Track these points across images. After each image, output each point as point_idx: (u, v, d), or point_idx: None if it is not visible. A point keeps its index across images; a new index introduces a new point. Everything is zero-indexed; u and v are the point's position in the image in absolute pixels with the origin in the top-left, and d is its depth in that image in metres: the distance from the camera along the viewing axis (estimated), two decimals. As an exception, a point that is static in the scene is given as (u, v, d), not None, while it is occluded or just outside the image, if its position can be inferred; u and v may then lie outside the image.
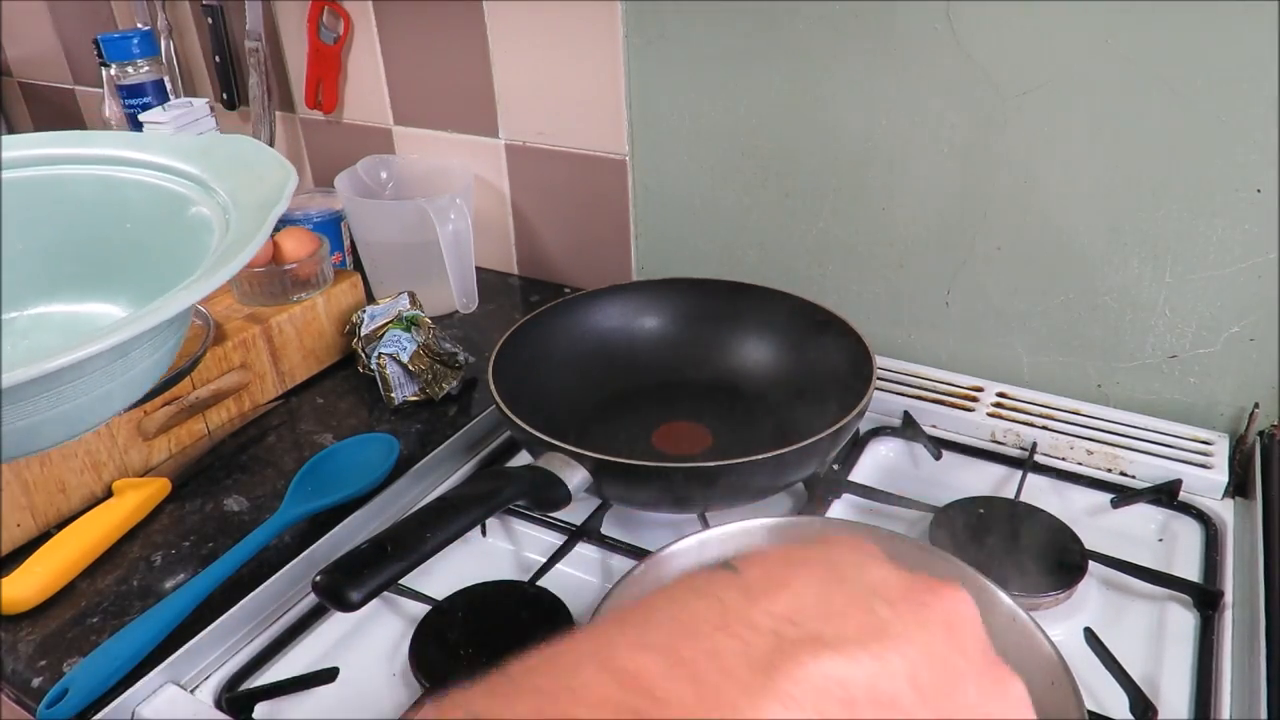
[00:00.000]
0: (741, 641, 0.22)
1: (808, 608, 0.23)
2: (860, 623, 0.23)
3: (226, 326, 0.75)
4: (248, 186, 0.55)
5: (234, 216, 0.53)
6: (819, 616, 0.23)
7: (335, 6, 0.97)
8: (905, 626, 0.24)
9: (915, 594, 0.25)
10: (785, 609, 0.23)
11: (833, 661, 0.21)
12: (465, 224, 0.86)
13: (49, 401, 0.46)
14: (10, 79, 1.38)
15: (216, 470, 0.70)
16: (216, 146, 0.60)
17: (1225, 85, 0.60)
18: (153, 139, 0.62)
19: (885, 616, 0.24)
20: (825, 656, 0.21)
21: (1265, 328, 0.66)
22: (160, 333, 0.51)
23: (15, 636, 0.55)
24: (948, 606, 0.25)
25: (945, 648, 0.24)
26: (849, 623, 0.23)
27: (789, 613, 0.23)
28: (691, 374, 0.77)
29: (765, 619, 0.23)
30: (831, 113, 0.75)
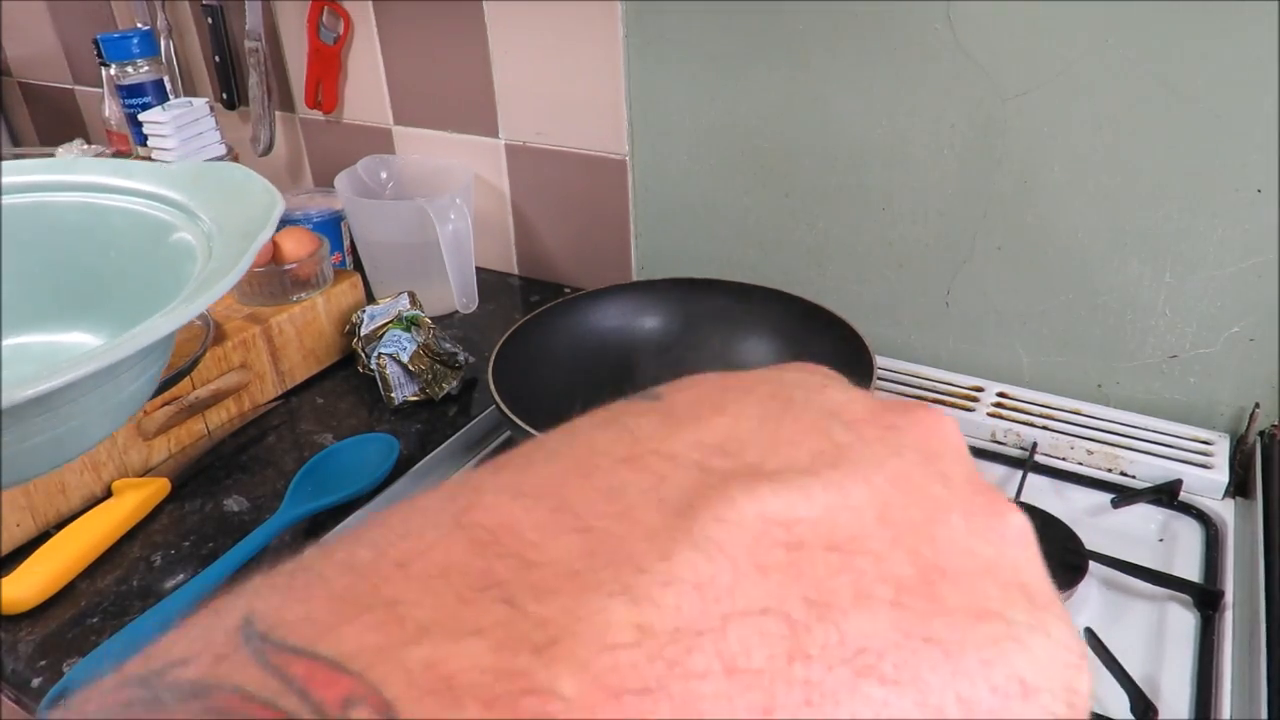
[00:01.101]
0: (653, 476, 0.16)
1: (746, 434, 0.18)
2: (813, 449, 0.18)
3: (226, 326, 0.75)
4: (234, 213, 0.54)
5: (218, 243, 0.52)
6: (760, 444, 0.18)
7: (335, 6, 0.97)
8: (871, 452, 0.18)
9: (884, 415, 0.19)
10: (717, 437, 0.18)
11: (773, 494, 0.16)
12: (465, 224, 0.86)
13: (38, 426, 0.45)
14: (10, 79, 1.38)
15: (216, 470, 0.70)
16: (205, 174, 0.59)
17: (1225, 85, 0.60)
18: (140, 166, 0.61)
19: (846, 442, 0.18)
20: (763, 490, 0.16)
21: (1265, 328, 0.66)
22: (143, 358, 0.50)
23: (15, 636, 0.55)
24: (925, 429, 0.19)
25: (922, 475, 0.18)
26: (799, 450, 0.18)
27: (721, 440, 0.18)
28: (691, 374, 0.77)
29: (688, 450, 0.17)
30: (831, 113, 0.75)
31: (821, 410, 0.19)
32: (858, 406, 0.20)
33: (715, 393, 0.20)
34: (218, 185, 0.58)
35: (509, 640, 0.13)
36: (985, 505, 0.18)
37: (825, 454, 0.17)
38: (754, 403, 0.19)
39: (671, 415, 0.19)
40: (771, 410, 0.19)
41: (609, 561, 0.14)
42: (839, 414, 0.19)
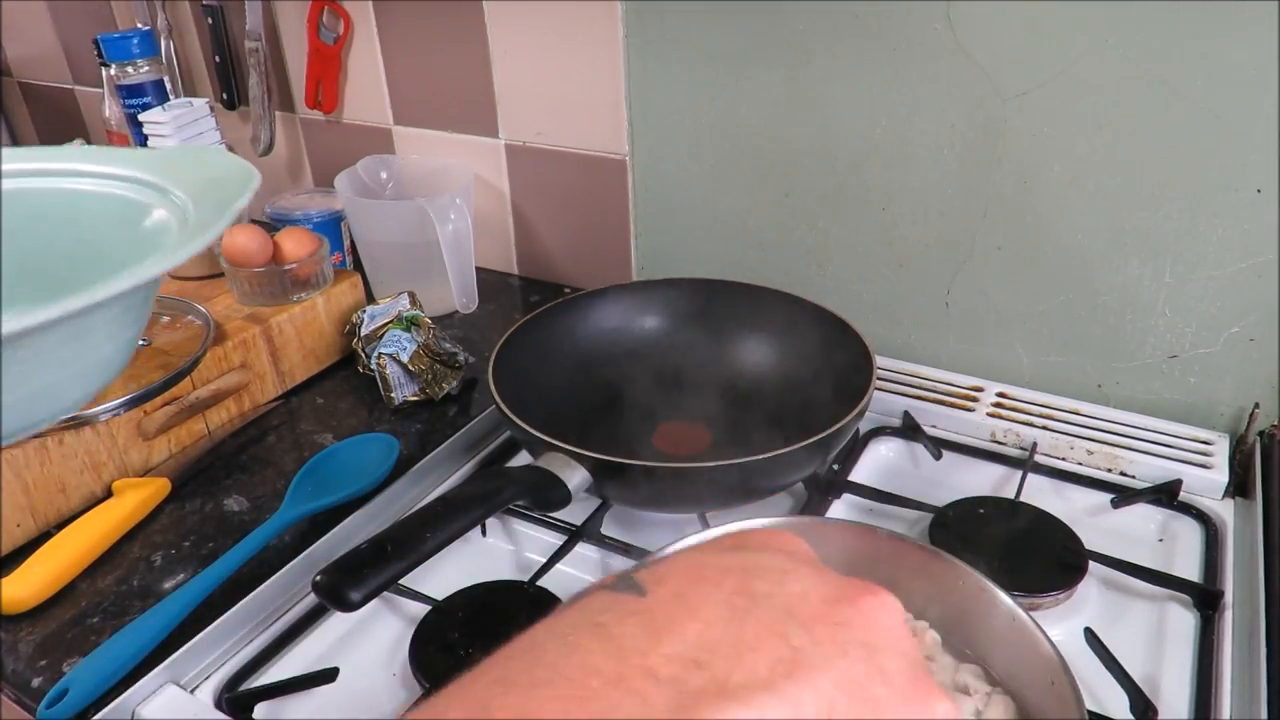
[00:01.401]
0: (638, 699, 0.20)
1: (715, 642, 0.22)
2: (772, 657, 0.21)
3: (226, 326, 0.75)
4: (209, 190, 0.55)
5: (193, 215, 0.53)
6: (728, 653, 0.21)
7: (335, 6, 0.97)
8: (822, 654, 0.22)
9: (835, 611, 0.23)
10: (690, 646, 0.21)
11: (740, 711, 0.20)
12: (465, 224, 0.86)
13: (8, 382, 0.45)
14: (10, 79, 1.38)
15: (216, 470, 0.70)
16: (179, 156, 0.60)
17: (1225, 85, 0.60)
18: (114, 151, 0.62)
19: (800, 645, 0.22)
20: (729, 708, 0.20)
21: (1265, 328, 0.66)
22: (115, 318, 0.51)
23: (15, 636, 0.55)
24: (869, 622, 0.23)
25: (865, 674, 0.22)
26: (761, 658, 0.21)
27: (694, 651, 0.21)
28: (691, 374, 0.77)
29: (666, 665, 0.21)
30: (831, 113, 0.75)
31: (781, 609, 0.23)
32: (814, 599, 0.24)
33: (690, 586, 0.23)
34: (191, 164, 0.59)
35: None
36: (918, 699, 0.23)
37: (782, 662, 0.21)
38: (723, 600, 0.23)
39: (651, 621, 0.22)
40: (737, 609, 0.23)
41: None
42: (796, 612, 0.23)
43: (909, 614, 0.47)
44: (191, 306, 0.76)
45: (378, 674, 0.54)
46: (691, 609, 0.22)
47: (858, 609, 0.24)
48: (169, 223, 0.55)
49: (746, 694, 0.20)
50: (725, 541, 0.27)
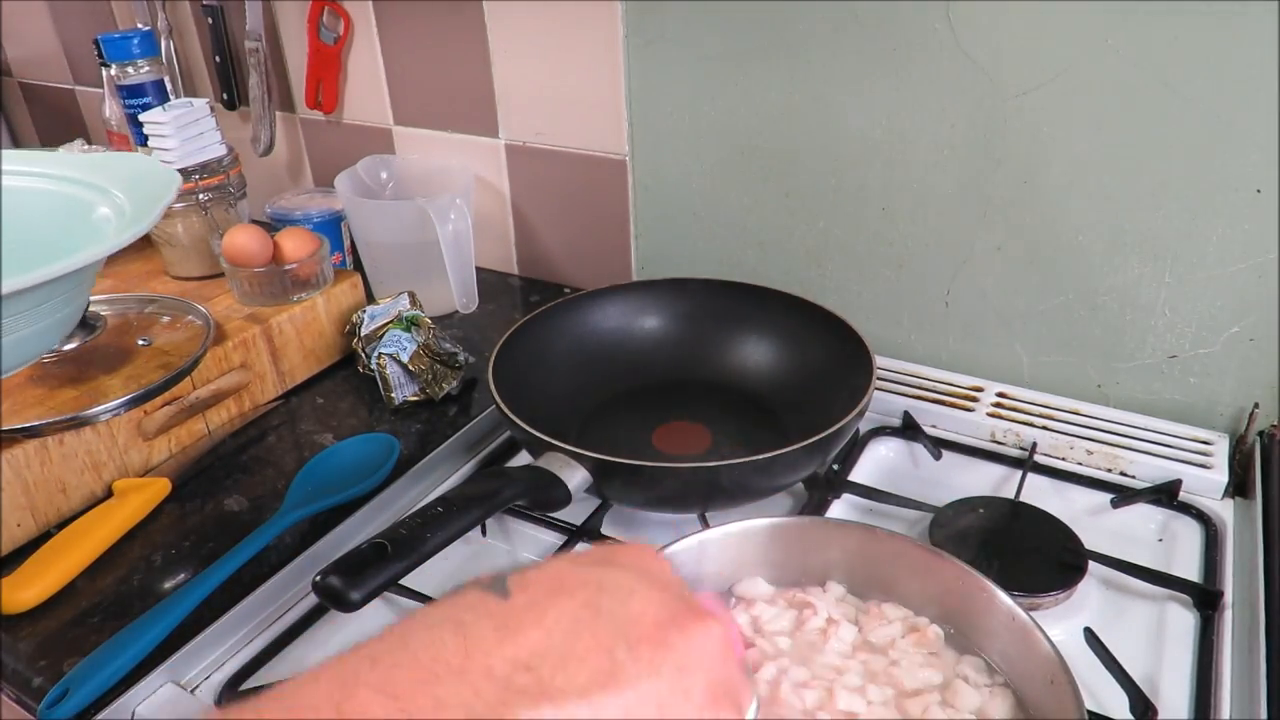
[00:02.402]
0: (471, 690, 0.24)
1: (552, 649, 0.25)
2: (594, 668, 0.25)
3: (226, 326, 0.75)
4: (140, 189, 0.63)
5: (129, 211, 0.61)
6: (558, 661, 0.25)
7: (335, 6, 0.97)
8: (637, 671, 0.25)
9: (660, 633, 0.27)
10: (529, 651, 0.25)
11: (547, 712, 0.23)
12: (465, 224, 0.86)
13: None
14: (10, 79, 1.38)
15: (216, 470, 0.70)
16: (109, 161, 0.68)
17: (1225, 85, 0.60)
18: (52, 156, 0.71)
19: (621, 660, 0.25)
20: (541, 707, 0.23)
21: (1265, 328, 0.66)
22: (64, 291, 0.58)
23: (15, 636, 0.55)
24: (688, 645, 0.27)
25: (669, 692, 0.26)
26: (584, 668, 0.25)
27: (530, 656, 0.25)
28: (691, 374, 0.77)
29: (503, 665, 0.24)
30: (831, 113, 0.75)
31: (616, 626, 0.26)
32: (649, 620, 0.27)
33: (547, 595, 0.27)
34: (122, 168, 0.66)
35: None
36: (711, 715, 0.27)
37: (601, 673, 0.25)
38: (569, 613, 0.26)
39: (504, 623, 0.26)
40: (580, 621, 0.26)
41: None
42: (629, 629, 0.26)
43: (909, 610, 0.47)
44: (191, 306, 0.76)
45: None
46: (540, 617, 0.26)
47: (683, 633, 0.27)
48: (110, 217, 0.62)
49: (561, 697, 0.24)
50: (595, 554, 0.31)
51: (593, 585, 0.27)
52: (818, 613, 0.46)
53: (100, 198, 0.64)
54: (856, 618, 0.47)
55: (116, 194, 0.63)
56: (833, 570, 0.49)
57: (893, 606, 0.47)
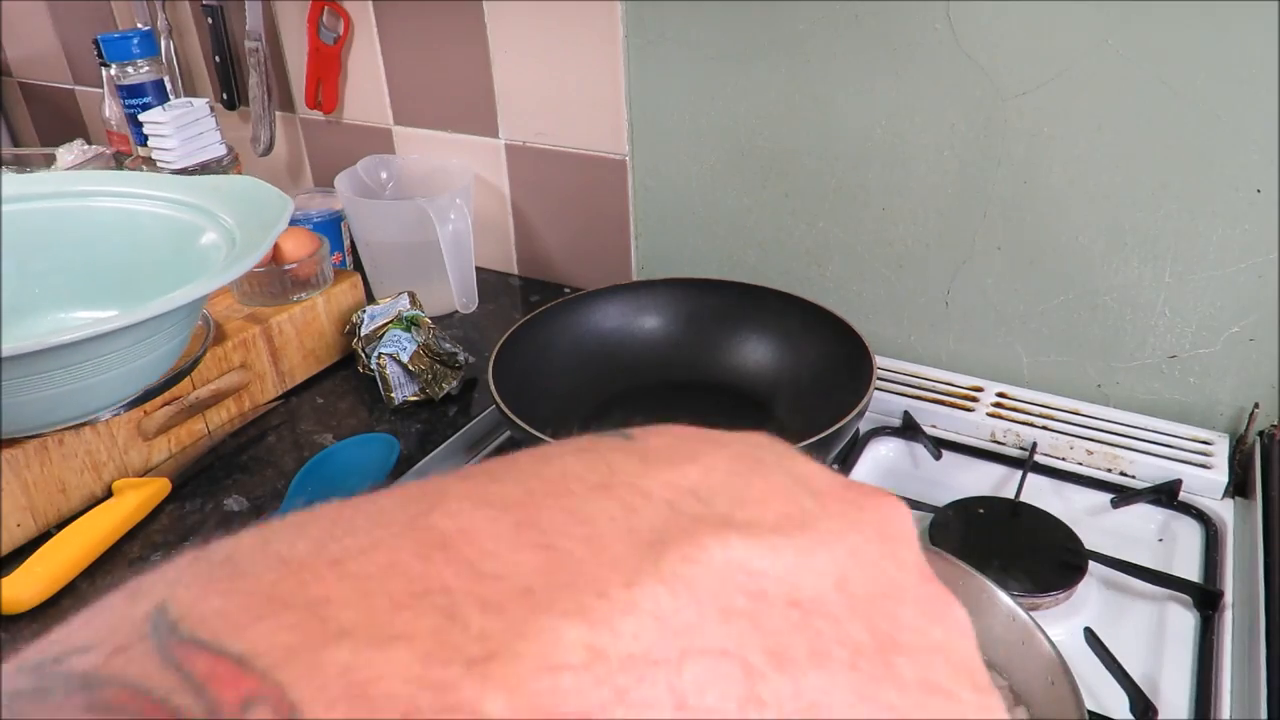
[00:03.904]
0: (623, 506, 0.16)
1: (717, 484, 0.18)
2: (781, 511, 0.18)
3: (226, 326, 0.75)
4: (251, 214, 0.63)
5: (239, 237, 0.61)
6: (730, 496, 0.18)
7: (335, 6, 0.97)
8: (835, 524, 0.18)
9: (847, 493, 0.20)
10: (689, 482, 0.18)
11: (743, 545, 0.16)
12: (465, 224, 0.86)
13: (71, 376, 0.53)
14: (10, 79, 1.38)
15: (216, 470, 0.70)
16: (224, 184, 0.69)
17: (1225, 85, 0.60)
18: (166, 178, 0.72)
19: (811, 509, 0.19)
20: (733, 538, 0.16)
21: (1265, 328, 0.66)
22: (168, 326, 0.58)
23: (15, 636, 0.55)
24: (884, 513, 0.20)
25: (879, 554, 0.19)
26: (768, 509, 0.18)
27: (693, 485, 0.18)
28: (691, 374, 0.77)
29: (661, 489, 0.17)
30: (831, 113, 0.75)
31: (790, 475, 0.20)
32: (824, 478, 0.20)
33: (688, 441, 0.20)
34: (234, 194, 0.67)
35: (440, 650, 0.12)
36: (934, 594, 0.19)
37: (791, 517, 0.18)
38: (725, 457, 0.19)
39: (646, 455, 0.19)
40: (741, 467, 0.19)
41: (568, 582, 0.14)
42: (806, 481, 0.20)
43: None
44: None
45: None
46: (690, 454, 0.19)
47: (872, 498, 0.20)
48: (218, 243, 0.64)
49: (755, 531, 0.17)
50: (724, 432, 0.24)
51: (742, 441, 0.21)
52: None
53: (209, 222, 0.65)
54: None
55: (225, 219, 0.64)
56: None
57: None
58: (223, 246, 0.62)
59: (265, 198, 0.65)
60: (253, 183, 0.67)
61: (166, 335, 0.58)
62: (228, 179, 0.70)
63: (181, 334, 0.61)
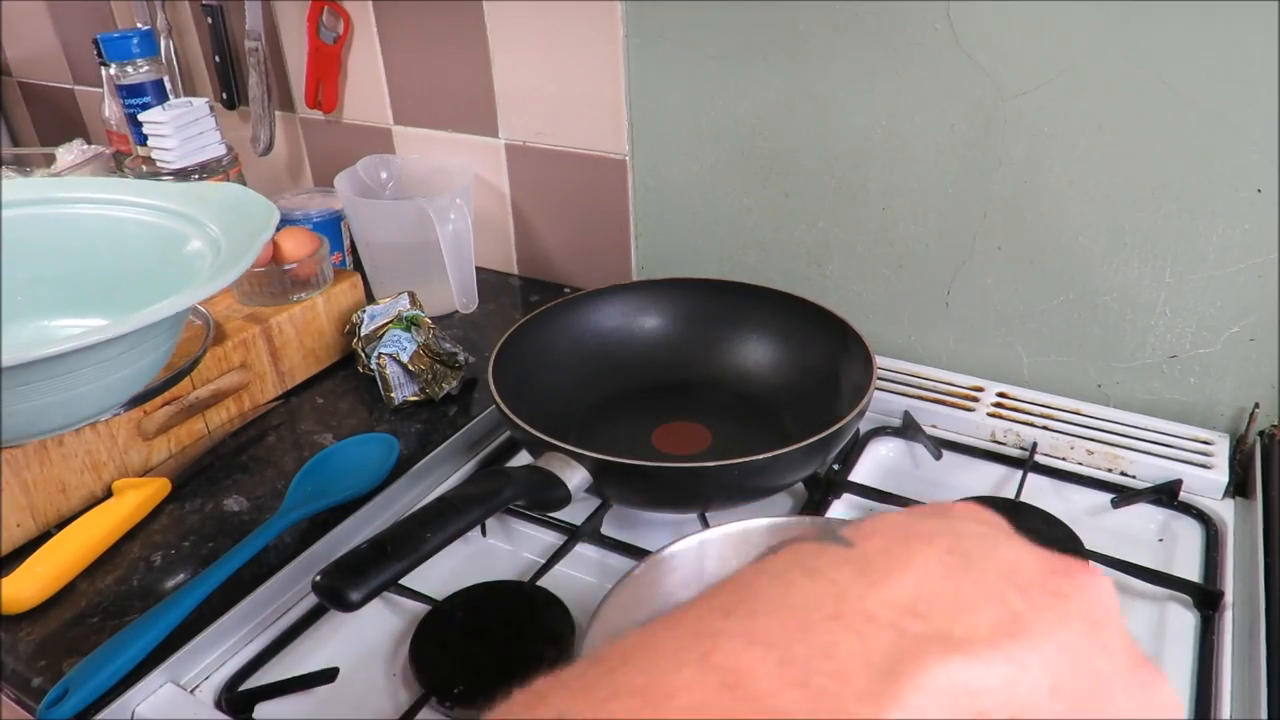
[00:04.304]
0: (857, 636, 0.19)
1: (933, 595, 0.20)
2: (993, 616, 0.20)
3: (226, 326, 0.75)
4: (236, 223, 0.62)
5: (224, 246, 0.60)
6: (946, 607, 0.20)
7: (335, 6, 0.97)
8: (1043, 621, 0.20)
9: (1052, 580, 0.22)
10: (907, 596, 0.20)
11: (963, 665, 0.19)
12: (465, 224, 0.86)
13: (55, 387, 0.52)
14: (10, 79, 1.38)
15: (216, 470, 0.70)
16: (210, 192, 0.68)
17: (1225, 85, 0.60)
18: (151, 185, 0.71)
19: (1020, 609, 0.21)
20: (954, 659, 0.19)
21: (1265, 328, 0.66)
22: (154, 335, 0.57)
23: (15, 636, 0.55)
24: (1089, 597, 0.22)
25: (1088, 647, 0.21)
26: (980, 616, 0.20)
27: (911, 601, 0.20)
28: (691, 374, 0.77)
29: (884, 610, 0.20)
30: (831, 113, 0.75)
31: (997, 572, 0.22)
32: (1028, 567, 0.22)
33: (899, 543, 0.22)
34: (220, 202, 0.66)
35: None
36: (1143, 680, 0.22)
37: (1004, 623, 0.20)
38: (936, 558, 0.22)
39: (865, 568, 0.21)
40: (952, 567, 0.21)
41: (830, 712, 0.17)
42: (1013, 577, 0.22)
43: None
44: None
45: (378, 674, 0.54)
46: (903, 562, 0.21)
47: (1075, 583, 0.22)
48: (203, 251, 0.63)
49: (971, 647, 0.19)
50: (928, 509, 0.26)
51: (948, 534, 0.23)
52: None
53: (194, 230, 0.64)
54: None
55: (211, 227, 0.63)
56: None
57: None
58: (208, 255, 0.62)
59: (252, 206, 0.64)
60: (240, 190, 0.67)
61: (151, 345, 0.58)
62: (214, 187, 0.69)
63: (166, 344, 0.61)
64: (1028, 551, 0.23)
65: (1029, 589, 0.21)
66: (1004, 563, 0.22)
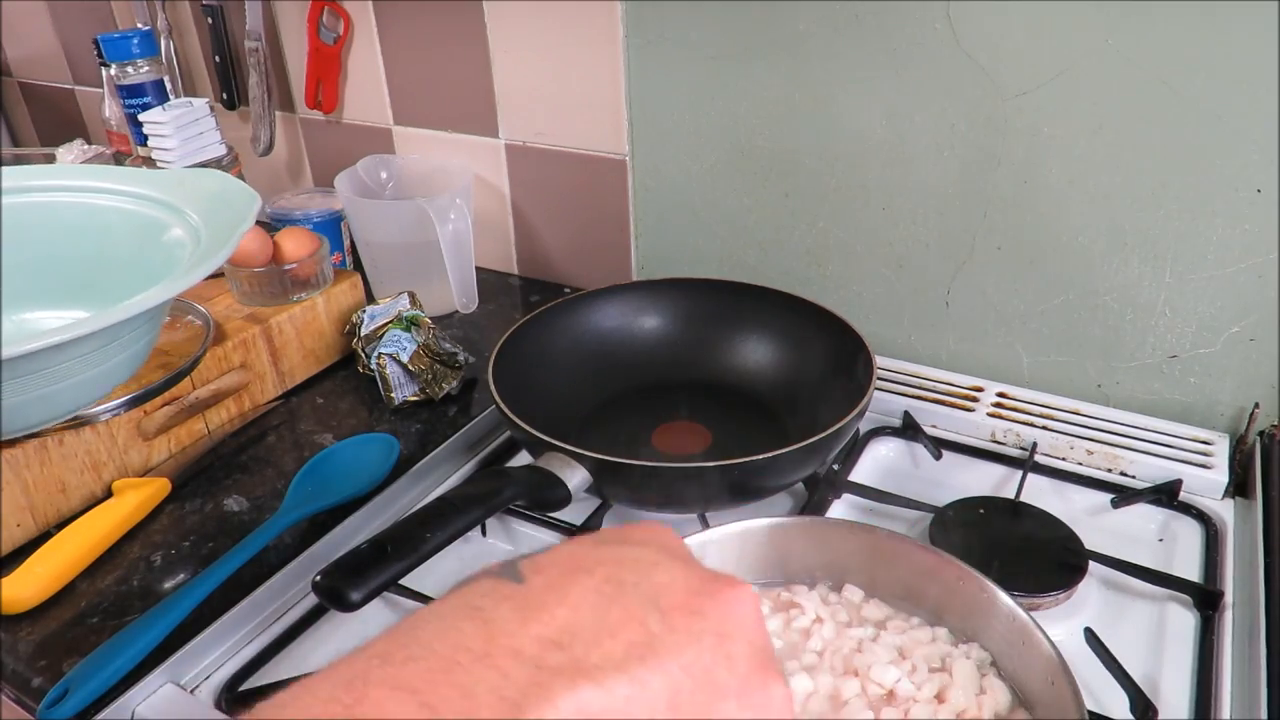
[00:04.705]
0: (499, 674, 0.22)
1: (580, 625, 0.23)
2: (630, 640, 0.23)
3: (226, 326, 0.75)
4: (217, 211, 0.61)
5: (204, 235, 0.59)
6: (589, 636, 0.23)
7: (335, 6, 0.97)
8: (676, 640, 0.24)
9: (694, 600, 0.25)
10: (556, 629, 0.23)
11: (587, 692, 0.21)
12: (465, 224, 0.86)
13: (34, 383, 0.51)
14: (10, 79, 1.38)
15: (216, 470, 0.70)
16: (188, 178, 0.66)
17: (1225, 85, 0.60)
18: (130, 172, 0.69)
19: (656, 631, 0.24)
20: (581, 686, 0.21)
21: (1265, 328, 0.66)
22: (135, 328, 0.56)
23: (15, 636, 0.55)
24: (723, 612, 0.25)
25: (712, 660, 0.24)
26: (618, 641, 0.23)
27: (558, 634, 0.23)
28: (691, 374, 0.77)
29: (531, 644, 0.22)
30: (831, 113, 0.75)
31: (645, 596, 0.25)
32: (677, 589, 0.25)
33: (564, 575, 0.25)
34: (200, 188, 0.65)
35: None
36: (758, 684, 0.25)
37: (638, 646, 0.23)
38: (593, 587, 0.24)
39: (524, 604, 0.24)
40: (606, 595, 0.24)
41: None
42: (658, 600, 0.25)
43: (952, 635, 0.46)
44: (191, 306, 0.76)
45: (378, 674, 0.54)
46: (562, 596, 0.24)
47: (715, 600, 0.25)
48: (183, 240, 0.61)
49: (599, 673, 0.22)
50: (607, 535, 0.29)
51: (611, 561, 0.26)
52: (805, 612, 0.46)
53: (175, 218, 0.63)
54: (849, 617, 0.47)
55: (191, 215, 0.62)
56: (833, 571, 0.49)
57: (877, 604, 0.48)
58: (188, 244, 0.60)
59: (232, 194, 0.63)
60: (220, 177, 0.66)
61: (132, 338, 0.57)
62: (194, 173, 0.67)
63: (148, 335, 0.60)
64: (681, 573, 0.26)
65: (670, 610, 0.24)
66: (655, 586, 0.25)
